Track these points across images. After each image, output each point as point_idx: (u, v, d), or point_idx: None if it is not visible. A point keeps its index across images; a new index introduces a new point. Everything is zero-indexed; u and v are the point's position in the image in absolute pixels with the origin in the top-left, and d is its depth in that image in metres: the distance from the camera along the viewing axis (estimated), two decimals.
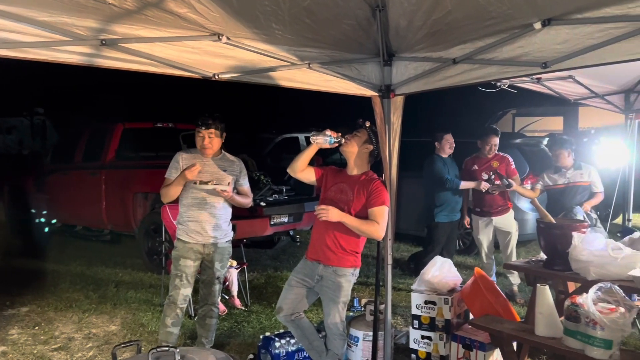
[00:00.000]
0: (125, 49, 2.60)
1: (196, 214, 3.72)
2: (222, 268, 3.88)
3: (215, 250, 3.80)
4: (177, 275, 3.72)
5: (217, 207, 3.77)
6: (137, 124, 7.95)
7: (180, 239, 3.76)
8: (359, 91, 3.36)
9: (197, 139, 3.72)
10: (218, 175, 3.75)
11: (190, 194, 3.72)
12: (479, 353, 3.62)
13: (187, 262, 3.72)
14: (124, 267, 6.74)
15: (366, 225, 3.18)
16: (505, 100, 10.76)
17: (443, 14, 2.45)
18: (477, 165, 5.53)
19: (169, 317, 3.72)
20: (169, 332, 3.72)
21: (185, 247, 3.73)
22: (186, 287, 3.73)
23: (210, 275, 3.85)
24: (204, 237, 3.74)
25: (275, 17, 2.52)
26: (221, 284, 3.98)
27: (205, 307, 3.91)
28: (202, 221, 3.72)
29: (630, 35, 2.26)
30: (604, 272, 3.29)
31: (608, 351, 2.66)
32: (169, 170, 3.75)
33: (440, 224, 5.59)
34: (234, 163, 3.90)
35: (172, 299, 3.72)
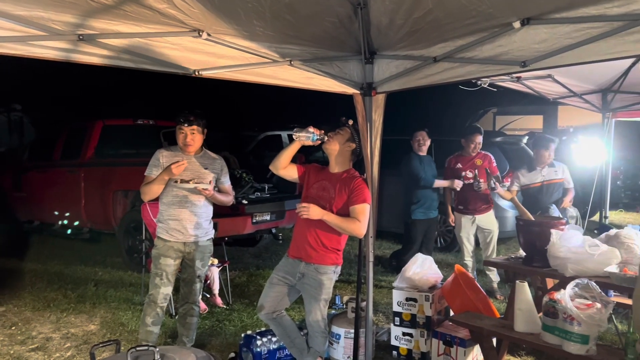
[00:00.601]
0: (103, 44, 2.56)
1: (177, 213, 3.68)
2: (203, 267, 3.86)
3: (196, 249, 3.77)
4: (158, 274, 3.68)
5: (198, 206, 3.73)
6: (117, 121, 7.84)
7: (160, 238, 3.71)
8: (341, 89, 3.36)
9: (179, 136, 3.67)
10: (199, 173, 3.71)
11: (171, 192, 3.67)
12: (459, 349, 3.66)
13: (167, 260, 3.68)
14: (103, 265, 6.66)
15: (347, 223, 3.18)
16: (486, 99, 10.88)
17: (424, 12, 2.46)
18: (461, 163, 5.59)
19: (149, 316, 3.68)
20: (149, 331, 3.68)
21: (166, 245, 3.69)
22: (167, 285, 3.70)
23: (191, 274, 3.82)
24: (185, 236, 3.71)
25: (256, 13, 2.51)
26: (202, 282, 3.95)
27: (186, 305, 3.87)
28: (183, 219, 3.68)
29: (606, 35, 2.30)
30: (581, 268, 3.35)
31: (585, 346, 2.71)
32: (149, 168, 3.69)
33: (417, 221, 5.66)
34: (216, 161, 3.87)
35: (153, 297, 3.68)
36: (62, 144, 7.90)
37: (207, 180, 3.69)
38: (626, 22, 2.22)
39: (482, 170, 5.42)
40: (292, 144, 3.29)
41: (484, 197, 5.54)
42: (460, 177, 5.54)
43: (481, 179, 5.33)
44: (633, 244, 3.60)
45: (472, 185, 5.45)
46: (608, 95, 5.66)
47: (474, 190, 5.43)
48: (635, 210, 11.28)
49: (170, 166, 3.51)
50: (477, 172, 5.37)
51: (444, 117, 15.63)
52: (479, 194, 5.45)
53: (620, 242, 3.62)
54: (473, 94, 5.34)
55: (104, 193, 6.95)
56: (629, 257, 3.53)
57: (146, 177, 3.69)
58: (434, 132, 5.94)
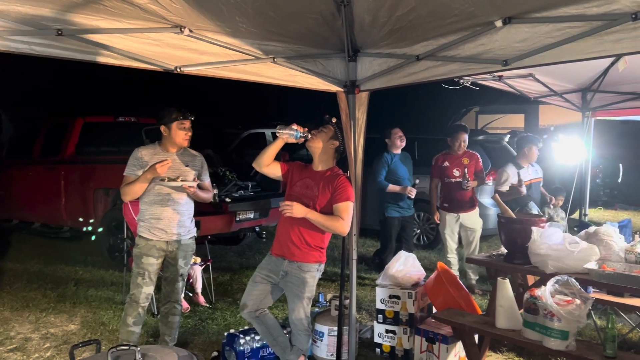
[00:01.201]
0: (83, 39, 2.52)
1: (159, 211, 3.63)
2: (185, 265, 3.83)
3: (178, 247, 3.73)
4: (140, 273, 3.64)
5: (181, 204, 3.70)
6: (98, 118, 7.74)
7: (142, 237, 3.66)
8: (324, 86, 3.35)
9: (178, 131, 3.62)
10: (180, 170, 3.67)
11: (153, 191, 3.62)
12: (441, 346, 3.68)
13: (150, 259, 3.64)
14: (84, 264, 6.57)
15: (330, 221, 3.18)
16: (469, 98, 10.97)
17: (407, 10, 2.47)
18: (448, 161, 5.64)
19: (130, 316, 3.64)
20: (131, 332, 3.63)
21: (148, 244, 3.64)
22: (149, 285, 3.66)
23: (174, 273, 3.78)
24: (168, 235, 3.66)
25: (238, 9, 2.49)
26: (185, 281, 3.92)
27: (168, 304, 3.83)
28: (166, 218, 3.64)
29: (586, 34, 2.33)
30: (562, 265, 3.39)
31: (564, 342, 2.74)
32: (129, 168, 3.62)
33: (390, 218, 5.71)
34: (196, 158, 3.83)
35: (134, 297, 3.63)
36: (42, 141, 7.77)
37: (191, 177, 3.65)
38: (605, 22, 2.24)
39: (470, 170, 5.49)
40: (276, 142, 3.28)
41: (469, 196, 5.60)
42: (446, 175, 5.61)
43: (469, 178, 5.40)
44: (611, 241, 3.66)
45: (457, 183, 5.51)
46: (587, 94, 5.73)
47: (459, 188, 5.49)
48: (613, 207, 11.48)
49: (155, 165, 3.46)
50: (467, 171, 5.43)
51: (426, 116, 15.74)
52: (464, 192, 5.51)
53: (599, 239, 3.68)
54: (456, 92, 5.38)
55: (85, 191, 6.86)
56: (607, 254, 3.58)
57: (126, 177, 3.61)
58: (417, 130, 5.99)
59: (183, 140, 3.66)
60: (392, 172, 5.70)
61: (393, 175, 5.69)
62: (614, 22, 2.22)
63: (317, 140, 3.29)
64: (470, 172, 5.49)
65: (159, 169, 3.46)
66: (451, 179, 5.58)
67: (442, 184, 5.70)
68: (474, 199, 5.66)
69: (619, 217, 9.56)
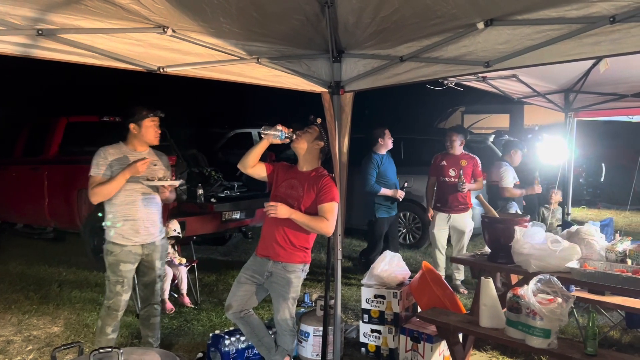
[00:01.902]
0: (64, 39, 2.49)
1: (132, 213, 3.50)
2: (162, 266, 3.74)
3: (154, 249, 3.63)
4: (119, 281, 3.48)
5: (153, 204, 3.60)
6: (81, 118, 7.66)
7: (116, 243, 3.49)
8: (309, 87, 3.35)
9: (149, 129, 3.52)
10: (151, 169, 3.57)
11: (124, 191, 3.47)
12: (426, 345, 3.71)
13: (127, 266, 3.50)
14: (68, 265, 6.51)
15: (315, 222, 3.19)
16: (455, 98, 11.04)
17: (390, 11, 2.48)
18: (446, 161, 5.69)
19: (109, 325, 3.51)
20: (110, 340, 3.53)
21: (124, 250, 3.49)
22: (127, 292, 3.55)
23: (152, 276, 3.67)
24: (143, 237, 3.54)
25: (222, 10, 2.48)
26: (162, 281, 3.83)
27: (148, 307, 3.75)
28: (140, 219, 3.52)
29: (566, 37, 2.35)
30: (544, 264, 3.43)
31: (547, 340, 2.78)
32: (97, 168, 3.44)
33: (381, 219, 5.72)
34: (162, 157, 3.74)
35: (114, 306, 3.49)
36: (25, 141, 7.68)
37: (160, 177, 3.55)
38: (584, 24, 2.27)
39: (466, 172, 5.54)
40: (261, 142, 3.28)
41: (462, 197, 5.62)
42: (442, 174, 5.67)
43: (465, 180, 5.44)
44: (593, 240, 3.71)
45: (451, 183, 5.56)
46: (570, 95, 5.78)
47: (453, 189, 5.54)
48: (596, 207, 11.63)
49: (135, 164, 3.38)
50: (462, 173, 5.46)
51: (412, 116, 15.81)
52: (457, 193, 5.55)
53: (581, 238, 3.73)
54: (442, 92, 5.41)
55: (69, 191, 6.79)
56: (589, 253, 3.64)
57: (94, 177, 3.43)
58: (403, 130, 6.02)
59: (154, 137, 3.55)
60: (381, 175, 5.70)
61: (383, 177, 5.69)
62: (592, 25, 2.25)
63: (301, 141, 3.29)
64: (466, 174, 5.53)
65: (140, 167, 3.38)
66: (446, 179, 5.64)
67: (438, 182, 5.75)
68: (467, 200, 5.68)
69: (602, 216, 9.68)
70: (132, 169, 3.39)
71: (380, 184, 5.63)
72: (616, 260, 3.53)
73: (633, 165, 8.23)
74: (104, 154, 3.51)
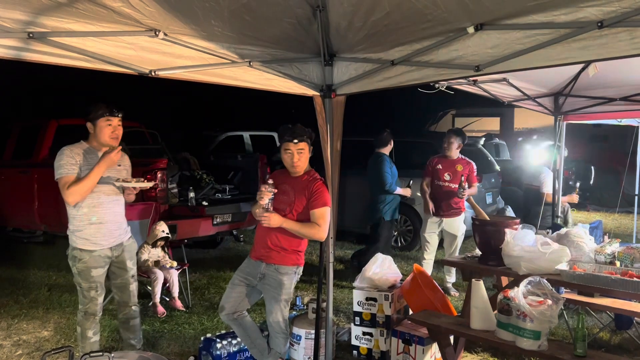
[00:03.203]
0: (55, 42, 2.48)
1: (100, 215, 3.41)
2: (133, 265, 3.67)
3: (123, 250, 3.58)
4: (92, 287, 3.43)
5: (119, 204, 3.55)
6: (72, 121, 7.60)
7: (84, 250, 3.40)
8: (301, 90, 3.36)
9: (104, 129, 3.37)
10: (115, 170, 3.51)
11: (91, 194, 3.36)
12: (417, 347, 3.72)
13: (99, 271, 3.45)
14: (58, 269, 6.45)
15: (307, 229, 3.22)
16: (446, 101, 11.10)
17: (382, 15, 2.49)
18: (442, 164, 5.69)
19: (90, 329, 3.49)
20: (93, 343, 3.51)
21: (93, 256, 3.41)
22: (101, 295, 3.51)
23: (125, 277, 3.61)
24: (111, 240, 3.48)
25: (214, 13, 2.48)
26: (137, 281, 3.76)
27: (127, 309, 3.69)
28: (107, 222, 3.44)
29: (554, 41, 2.38)
30: (534, 266, 3.46)
31: (537, 342, 2.80)
32: (66, 168, 3.32)
33: (389, 222, 5.73)
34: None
35: (91, 311, 3.46)
36: (14, 144, 7.62)
37: (126, 178, 3.52)
38: (572, 29, 2.30)
39: (462, 176, 5.54)
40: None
41: (455, 202, 5.61)
42: (437, 177, 5.65)
43: (466, 186, 5.39)
44: (582, 242, 3.75)
45: (444, 186, 5.56)
46: (559, 98, 5.85)
47: (446, 193, 5.54)
48: (586, 209, 11.72)
49: (109, 155, 3.31)
50: (463, 179, 5.42)
51: (404, 119, 15.87)
52: (451, 197, 5.54)
53: (570, 240, 3.77)
54: (433, 96, 5.44)
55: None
56: (578, 255, 3.67)
57: (65, 177, 3.31)
58: (395, 133, 6.05)
59: (109, 138, 3.40)
60: (393, 175, 5.75)
61: (394, 178, 5.75)
62: (580, 30, 2.28)
63: (303, 164, 3.32)
64: (465, 180, 5.52)
65: (115, 157, 3.33)
66: (440, 182, 5.63)
67: (432, 185, 5.72)
68: (460, 204, 5.67)
69: (591, 218, 9.78)
70: (106, 160, 3.32)
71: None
72: (605, 262, 3.57)
73: (622, 168, 8.33)
74: (70, 152, 3.39)
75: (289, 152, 3.29)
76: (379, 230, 5.84)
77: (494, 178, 8.52)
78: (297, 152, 3.27)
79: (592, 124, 9.35)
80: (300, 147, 3.27)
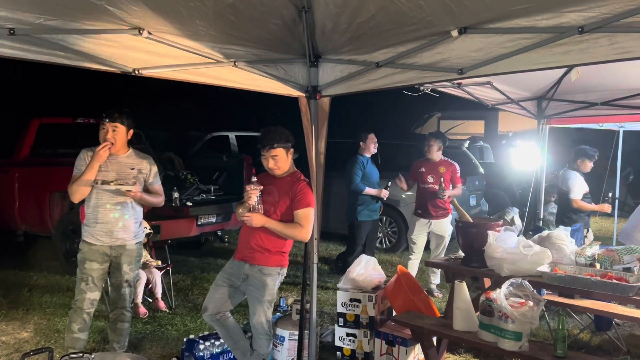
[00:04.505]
0: (36, 39, 2.46)
1: (102, 215, 3.54)
2: (131, 271, 3.71)
3: (123, 253, 3.63)
4: (83, 279, 3.54)
5: (125, 207, 3.61)
6: (55, 119, 7.51)
7: (85, 241, 3.57)
8: (286, 91, 3.36)
9: (100, 132, 3.55)
10: (125, 174, 3.58)
11: (96, 194, 3.53)
12: (401, 348, 3.73)
13: (92, 264, 3.54)
14: (39, 270, 6.36)
15: (290, 229, 3.22)
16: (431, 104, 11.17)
17: (367, 17, 2.50)
18: (425, 167, 5.74)
19: (75, 322, 3.55)
20: (76, 339, 3.54)
21: (91, 249, 3.55)
22: (93, 290, 3.55)
23: (119, 279, 3.68)
24: (112, 239, 3.57)
25: (199, 13, 2.47)
26: (132, 287, 3.79)
27: (116, 311, 3.73)
28: (109, 222, 3.56)
29: (537, 45, 2.41)
30: (516, 268, 3.49)
31: (518, 342, 2.82)
32: (77, 169, 3.54)
33: (363, 222, 5.77)
34: (143, 161, 3.71)
35: (79, 304, 3.54)
36: None
37: (132, 181, 3.56)
38: (554, 34, 2.33)
39: (445, 178, 5.59)
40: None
41: (442, 203, 5.66)
42: (422, 180, 5.71)
43: (444, 187, 5.47)
44: (563, 245, 3.80)
45: (429, 189, 5.60)
46: (543, 102, 5.92)
47: (432, 195, 5.58)
48: None
49: (95, 151, 3.42)
50: (442, 180, 5.49)
51: (390, 121, 15.94)
52: (437, 199, 5.59)
53: (552, 242, 3.81)
54: (418, 98, 5.47)
55: (41, 194, 6.65)
56: (559, 257, 3.72)
57: (73, 177, 3.53)
58: (380, 135, 6.08)
59: (103, 141, 3.52)
60: (366, 176, 5.79)
61: (368, 179, 5.79)
62: (562, 35, 2.31)
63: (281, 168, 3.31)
64: (445, 181, 5.58)
65: (103, 153, 3.42)
66: (426, 185, 5.68)
67: (418, 188, 5.78)
68: (446, 206, 5.72)
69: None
70: (95, 157, 3.44)
71: (364, 185, 5.71)
72: (585, 264, 3.62)
73: (603, 172, 8.42)
74: (82, 155, 3.57)
75: (265, 158, 3.31)
76: (353, 231, 5.91)
77: (478, 180, 8.60)
78: (271, 158, 3.28)
79: (575, 128, 9.45)
80: (273, 153, 3.26)
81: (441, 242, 5.76)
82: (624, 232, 5.08)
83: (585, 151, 5.98)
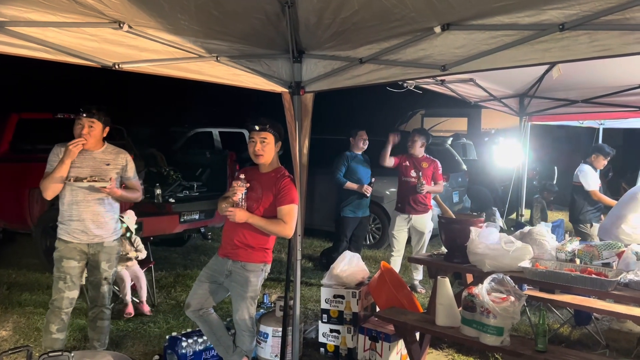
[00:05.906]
0: (13, 32, 2.40)
1: (79, 212, 3.47)
2: (110, 268, 3.65)
3: (101, 250, 3.56)
4: (61, 277, 3.45)
5: (102, 204, 3.54)
6: (34, 115, 7.39)
7: (61, 239, 3.49)
8: (269, 87, 3.34)
9: (75, 127, 3.46)
10: (100, 169, 3.51)
11: (70, 191, 3.46)
12: (384, 344, 3.75)
13: (70, 262, 3.47)
14: (18, 267, 6.26)
15: (273, 225, 3.20)
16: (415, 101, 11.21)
17: (350, 12, 2.49)
18: (408, 162, 5.79)
19: (53, 323, 3.46)
20: (55, 339, 3.46)
21: (68, 247, 3.48)
22: (72, 289, 3.49)
23: (97, 277, 3.61)
24: (88, 237, 3.51)
25: (180, 6, 2.44)
26: (110, 284, 3.73)
27: (95, 309, 3.68)
28: (85, 219, 3.48)
29: (518, 42, 2.43)
30: (498, 264, 3.52)
31: (500, 337, 2.85)
32: (49, 165, 3.45)
33: (346, 218, 5.80)
34: (119, 155, 3.64)
35: (57, 304, 3.46)
36: None
37: (108, 177, 3.48)
38: (535, 31, 2.35)
39: (426, 174, 5.62)
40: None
41: (423, 199, 5.70)
42: (404, 174, 5.75)
43: (424, 182, 5.52)
44: (544, 241, 3.84)
45: (411, 183, 5.64)
46: (525, 99, 5.98)
47: (413, 189, 5.62)
48: (549, 208, 12.00)
49: (69, 147, 3.35)
50: (421, 175, 5.55)
51: (373, 117, 15.97)
52: (417, 195, 5.62)
53: (533, 238, 3.85)
54: (402, 96, 5.50)
55: (20, 190, 6.53)
56: (540, 253, 3.76)
57: (46, 173, 3.44)
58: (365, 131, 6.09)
59: (78, 136, 3.45)
60: (351, 171, 5.81)
61: (353, 174, 5.81)
62: (543, 32, 2.33)
63: (267, 155, 3.27)
64: (426, 176, 5.62)
65: (73, 148, 3.35)
66: (408, 179, 5.72)
67: (399, 182, 5.83)
68: (427, 202, 5.76)
69: (553, 217, 10.01)
70: (67, 153, 3.37)
71: (348, 180, 5.75)
72: (566, 259, 3.67)
73: None
74: (56, 151, 3.50)
75: (253, 140, 3.26)
76: (338, 227, 5.95)
77: (460, 177, 8.66)
78: (260, 140, 3.24)
79: (556, 125, 9.57)
80: (264, 135, 3.23)
81: (421, 238, 5.79)
82: (603, 228, 5.16)
83: (602, 148, 6.02)
